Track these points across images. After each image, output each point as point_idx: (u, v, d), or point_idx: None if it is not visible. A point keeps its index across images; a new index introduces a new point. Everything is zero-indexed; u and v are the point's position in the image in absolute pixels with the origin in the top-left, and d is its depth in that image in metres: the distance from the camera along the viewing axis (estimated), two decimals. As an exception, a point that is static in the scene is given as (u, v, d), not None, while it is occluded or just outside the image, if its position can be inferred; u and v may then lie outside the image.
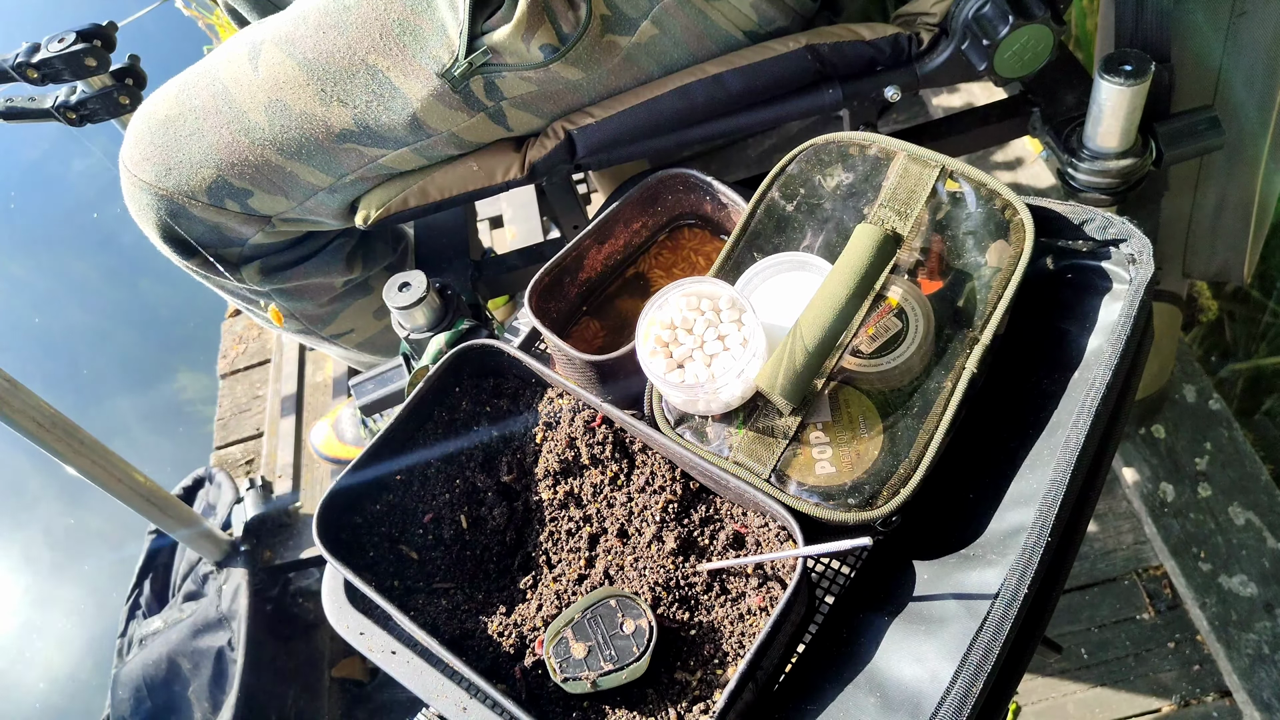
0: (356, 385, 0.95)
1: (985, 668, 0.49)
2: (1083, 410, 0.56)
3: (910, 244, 0.65)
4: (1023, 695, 1.28)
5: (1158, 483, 1.33)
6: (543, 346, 0.84)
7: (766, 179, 0.71)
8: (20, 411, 1.18)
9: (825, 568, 0.67)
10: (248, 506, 1.57)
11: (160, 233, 0.92)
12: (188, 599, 1.54)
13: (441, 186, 0.90)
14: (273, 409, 1.81)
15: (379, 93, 0.83)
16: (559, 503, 0.67)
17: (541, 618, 0.63)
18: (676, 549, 0.62)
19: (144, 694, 1.44)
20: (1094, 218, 0.64)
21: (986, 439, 0.64)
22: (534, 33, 0.79)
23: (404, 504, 0.69)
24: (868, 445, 0.60)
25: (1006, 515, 0.59)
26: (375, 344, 1.16)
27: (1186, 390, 1.39)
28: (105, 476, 1.32)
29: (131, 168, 0.89)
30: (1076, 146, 0.88)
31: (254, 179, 0.87)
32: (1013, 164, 1.76)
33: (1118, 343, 0.58)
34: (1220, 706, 1.22)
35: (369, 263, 1.07)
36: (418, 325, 0.86)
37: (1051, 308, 0.66)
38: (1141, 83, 0.78)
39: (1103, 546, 1.37)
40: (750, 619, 0.60)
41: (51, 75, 1.12)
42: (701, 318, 0.64)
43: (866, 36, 0.86)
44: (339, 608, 0.67)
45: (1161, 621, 1.30)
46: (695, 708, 0.58)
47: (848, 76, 0.87)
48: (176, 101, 0.88)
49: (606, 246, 0.82)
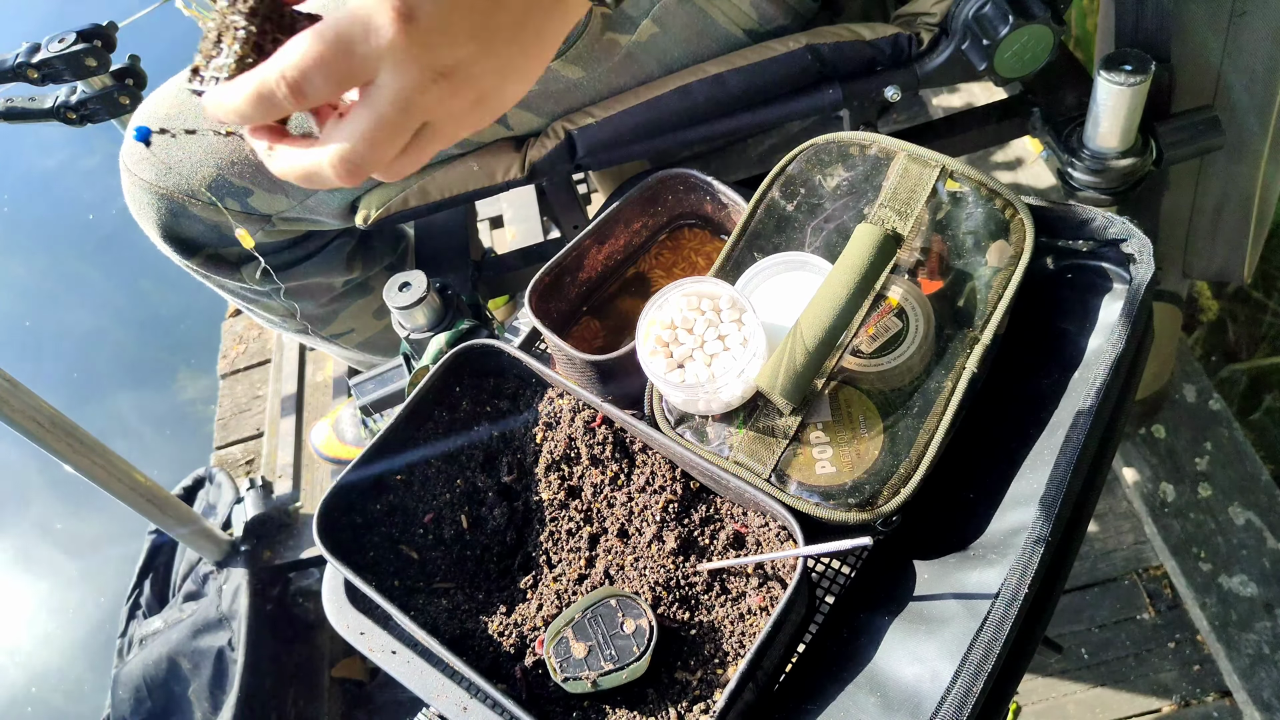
0: (357, 385, 0.95)
1: (985, 668, 0.49)
2: (1083, 410, 0.56)
3: (910, 244, 0.65)
4: (1023, 695, 1.28)
5: (1158, 483, 1.33)
6: (543, 346, 0.84)
7: (766, 179, 0.71)
8: (20, 411, 1.18)
9: (825, 568, 0.67)
10: (248, 506, 1.57)
11: (161, 232, 0.92)
12: (188, 599, 1.54)
13: (441, 186, 0.90)
14: (273, 409, 1.81)
15: (379, 92, 0.83)
16: (559, 502, 0.67)
17: (542, 617, 0.63)
18: (677, 549, 0.62)
19: (144, 694, 1.44)
20: (1094, 218, 0.64)
21: (987, 439, 0.64)
22: (534, 32, 0.79)
23: (404, 504, 0.69)
24: (868, 445, 0.60)
25: (1007, 515, 0.59)
26: (375, 344, 1.16)
27: (1186, 390, 1.39)
28: (105, 476, 1.32)
29: (132, 167, 0.89)
30: (1076, 146, 0.88)
31: (254, 178, 0.87)
32: (1013, 164, 1.76)
33: (1118, 343, 0.58)
34: (1220, 706, 1.22)
35: (369, 262, 1.07)
36: (418, 325, 0.86)
37: (1051, 308, 0.66)
38: (1141, 83, 0.78)
39: (1103, 546, 1.37)
40: (750, 619, 0.60)
41: (52, 75, 1.12)
42: (701, 318, 0.64)
43: (866, 36, 0.86)
44: (339, 608, 0.67)
45: (1162, 621, 1.30)
46: (695, 707, 0.58)
47: (848, 76, 0.87)
48: (177, 101, 0.88)
49: (606, 246, 0.82)
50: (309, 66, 0.39)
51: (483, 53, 0.41)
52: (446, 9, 0.39)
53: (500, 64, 0.42)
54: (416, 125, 0.42)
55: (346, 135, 0.41)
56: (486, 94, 0.43)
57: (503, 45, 0.42)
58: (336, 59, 0.39)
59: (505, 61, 0.42)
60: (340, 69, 0.39)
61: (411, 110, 0.41)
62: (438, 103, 0.41)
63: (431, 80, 0.40)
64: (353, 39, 0.39)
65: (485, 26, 0.40)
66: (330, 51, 0.39)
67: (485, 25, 0.40)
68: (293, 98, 0.40)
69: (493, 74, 0.42)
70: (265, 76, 0.40)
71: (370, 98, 0.41)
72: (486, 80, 0.42)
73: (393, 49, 0.39)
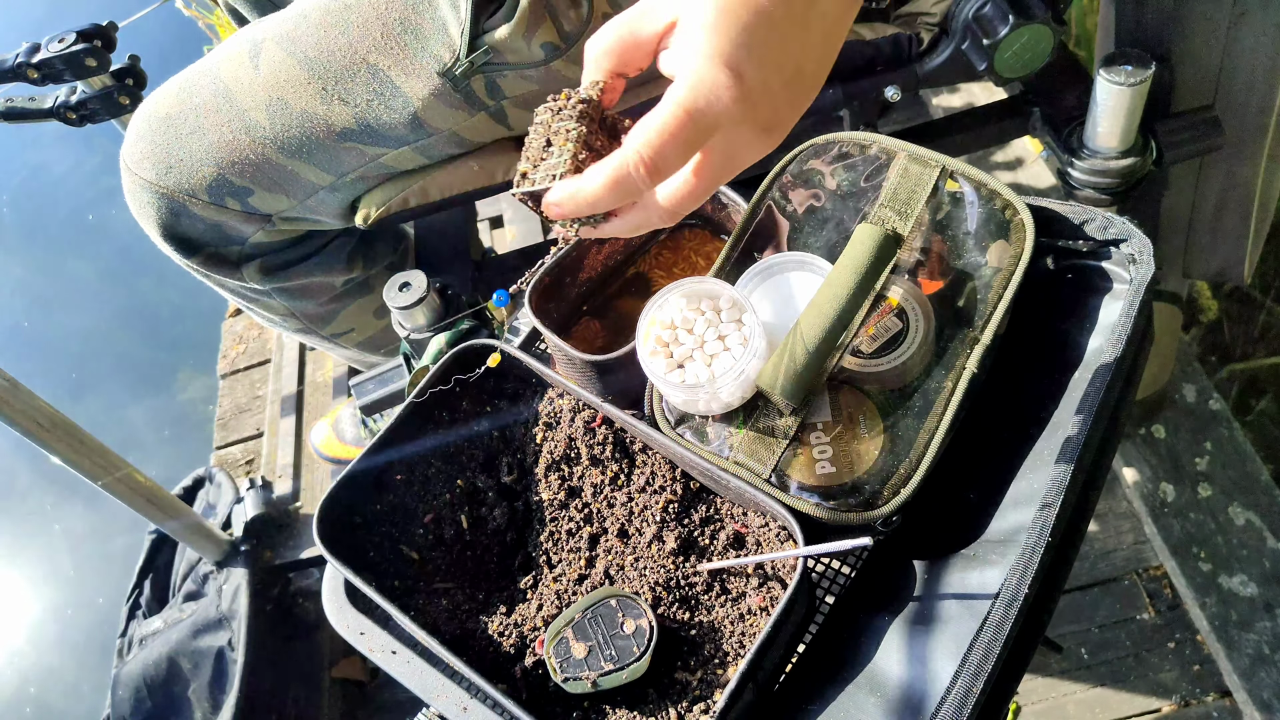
0: (357, 385, 0.95)
1: (985, 668, 0.49)
2: (1083, 410, 0.56)
3: (910, 244, 0.65)
4: (1023, 695, 1.28)
5: (1158, 483, 1.33)
6: (543, 346, 0.84)
7: (766, 179, 0.71)
8: (20, 412, 1.18)
9: (825, 568, 0.67)
10: (248, 506, 1.57)
11: (161, 231, 0.92)
12: (188, 599, 1.54)
13: (442, 186, 0.90)
14: (273, 409, 1.81)
15: (380, 91, 0.83)
16: (559, 503, 0.67)
17: (542, 618, 0.63)
18: (677, 549, 0.62)
19: (144, 694, 1.44)
20: (1094, 218, 0.64)
21: (987, 439, 0.64)
22: (535, 31, 0.79)
23: (404, 504, 0.69)
24: (868, 445, 0.60)
25: (1007, 515, 0.59)
26: (376, 343, 1.16)
27: (1186, 390, 1.39)
28: (105, 476, 1.32)
29: (132, 166, 0.89)
30: (1076, 146, 0.88)
31: (255, 177, 0.87)
32: (1013, 164, 1.76)
33: (1118, 343, 0.58)
34: (1220, 706, 1.22)
35: (370, 262, 1.07)
36: (418, 325, 0.86)
37: (1051, 308, 0.66)
38: (1141, 83, 0.78)
39: (1103, 546, 1.37)
40: (751, 619, 0.60)
41: (52, 75, 1.12)
42: (701, 318, 0.64)
43: (866, 36, 0.86)
44: (339, 608, 0.67)
45: (1161, 621, 1.30)
46: (696, 708, 0.58)
47: (848, 76, 0.87)
48: (178, 100, 0.88)
49: (606, 246, 0.82)
50: (665, 144, 0.41)
51: (791, 104, 0.44)
52: (768, 69, 0.41)
53: (801, 107, 0.45)
54: (736, 173, 0.45)
55: (680, 194, 0.44)
56: (784, 131, 0.46)
57: (806, 93, 0.44)
58: (686, 132, 0.41)
59: (805, 103, 0.45)
60: (691, 141, 0.42)
61: (736, 164, 0.44)
62: (756, 154, 0.44)
63: (755, 136, 0.43)
64: (698, 109, 0.41)
65: (797, 79, 0.43)
66: (681, 126, 0.41)
67: (797, 79, 0.43)
68: (649, 178, 0.42)
69: (796, 117, 0.45)
70: (622, 161, 0.42)
71: (705, 160, 0.43)
72: (791, 124, 0.45)
73: (728, 112, 0.41)
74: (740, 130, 0.42)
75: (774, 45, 0.41)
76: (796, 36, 0.42)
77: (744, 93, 0.41)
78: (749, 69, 0.41)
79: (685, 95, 0.41)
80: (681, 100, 0.41)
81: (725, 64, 0.40)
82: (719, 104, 0.41)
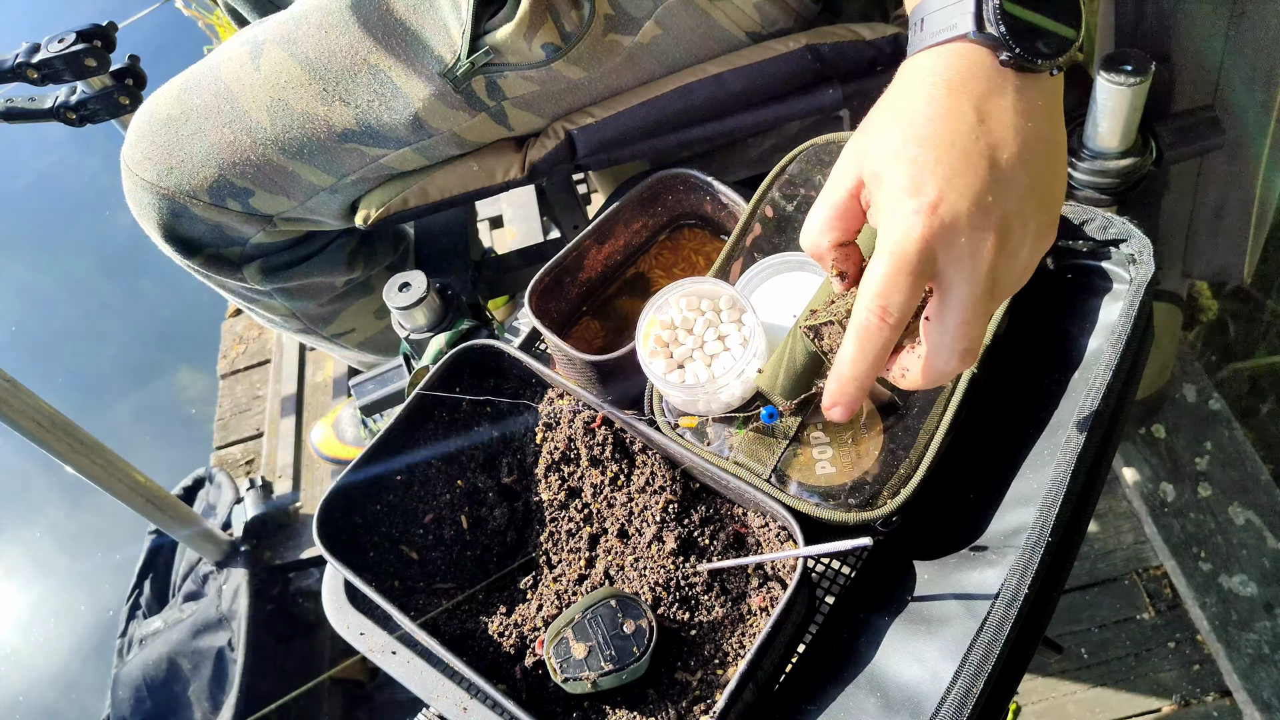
0: (356, 385, 0.95)
1: (985, 668, 0.49)
2: (1083, 410, 0.56)
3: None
4: (1023, 695, 1.28)
5: (1158, 483, 1.33)
6: (543, 346, 0.84)
7: (766, 179, 0.71)
8: (20, 412, 1.18)
9: (825, 568, 0.67)
10: (248, 506, 1.57)
11: (161, 232, 0.92)
12: (188, 599, 1.54)
13: (442, 186, 0.90)
14: (273, 409, 1.81)
15: (381, 92, 0.83)
16: (559, 503, 0.67)
17: (542, 618, 0.63)
18: (676, 549, 0.62)
19: (144, 694, 1.44)
20: (1094, 218, 0.64)
21: (987, 439, 0.64)
22: (536, 32, 0.79)
23: (404, 504, 0.69)
24: (868, 445, 0.60)
25: (1007, 515, 0.59)
26: (376, 344, 1.16)
27: (1186, 390, 1.39)
28: (105, 476, 1.32)
29: (133, 167, 0.89)
30: (1076, 146, 0.88)
31: (255, 178, 0.87)
32: (1013, 164, 1.76)
33: (1118, 343, 0.58)
34: (1220, 706, 1.22)
35: (370, 262, 1.07)
36: (418, 325, 0.86)
37: (1051, 308, 0.66)
38: (1141, 82, 0.78)
39: (1103, 546, 1.37)
40: (751, 619, 0.60)
41: (52, 75, 1.12)
42: (701, 318, 0.64)
43: (866, 36, 0.86)
44: (339, 608, 0.67)
45: (1161, 621, 1.30)
46: (695, 708, 0.58)
47: (848, 76, 0.87)
48: (178, 101, 0.88)
49: (606, 246, 0.82)
50: (885, 285, 0.44)
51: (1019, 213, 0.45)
52: (943, 179, 0.44)
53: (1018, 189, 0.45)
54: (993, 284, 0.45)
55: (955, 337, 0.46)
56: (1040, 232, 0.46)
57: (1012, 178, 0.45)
58: (898, 268, 0.44)
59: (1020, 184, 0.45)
60: (911, 272, 0.44)
61: (1003, 273, 0.45)
62: (1018, 252, 0.45)
63: (985, 239, 0.44)
64: (896, 244, 0.44)
65: (992, 171, 0.44)
66: (890, 265, 0.44)
67: (992, 171, 0.44)
68: (883, 322, 0.45)
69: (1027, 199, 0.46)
70: (858, 321, 0.45)
71: (946, 293, 0.45)
72: (1032, 222, 0.46)
73: (933, 233, 0.43)
74: (971, 240, 0.43)
75: (944, 158, 0.44)
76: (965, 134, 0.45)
77: (930, 207, 0.43)
78: (929, 188, 0.43)
79: (884, 238, 0.44)
80: (883, 243, 0.44)
81: (906, 193, 0.44)
82: (915, 230, 0.43)
